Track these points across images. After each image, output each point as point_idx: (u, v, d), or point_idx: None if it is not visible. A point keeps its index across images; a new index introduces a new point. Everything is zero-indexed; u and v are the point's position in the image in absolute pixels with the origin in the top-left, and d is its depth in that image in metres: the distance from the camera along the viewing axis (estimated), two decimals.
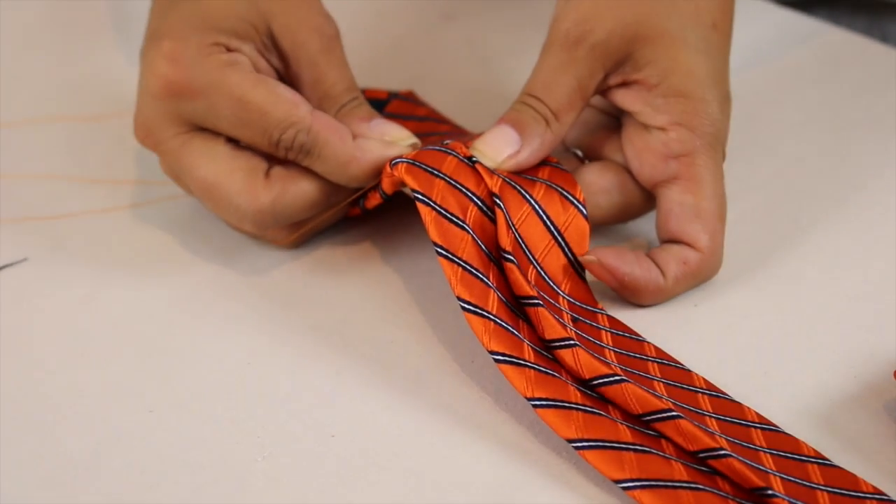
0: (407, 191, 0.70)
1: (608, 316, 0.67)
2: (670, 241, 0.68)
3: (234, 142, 0.68)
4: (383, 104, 0.77)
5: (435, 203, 0.65)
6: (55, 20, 0.92)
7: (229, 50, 0.67)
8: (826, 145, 0.78)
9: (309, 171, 0.68)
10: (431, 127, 0.75)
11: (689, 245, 0.67)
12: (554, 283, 0.67)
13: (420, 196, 0.65)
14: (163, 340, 0.67)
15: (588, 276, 0.68)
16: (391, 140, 0.69)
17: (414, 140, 0.69)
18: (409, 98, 0.78)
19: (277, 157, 0.67)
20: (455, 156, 0.67)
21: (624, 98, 0.69)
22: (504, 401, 0.63)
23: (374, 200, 0.69)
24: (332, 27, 0.70)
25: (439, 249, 0.64)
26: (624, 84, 0.69)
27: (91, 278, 0.70)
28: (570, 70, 0.67)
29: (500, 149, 0.67)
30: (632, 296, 0.68)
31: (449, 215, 0.65)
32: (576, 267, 0.67)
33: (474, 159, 0.67)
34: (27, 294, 0.69)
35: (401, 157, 0.67)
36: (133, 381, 0.65)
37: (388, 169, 0.67)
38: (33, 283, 0.70)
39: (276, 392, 0.64)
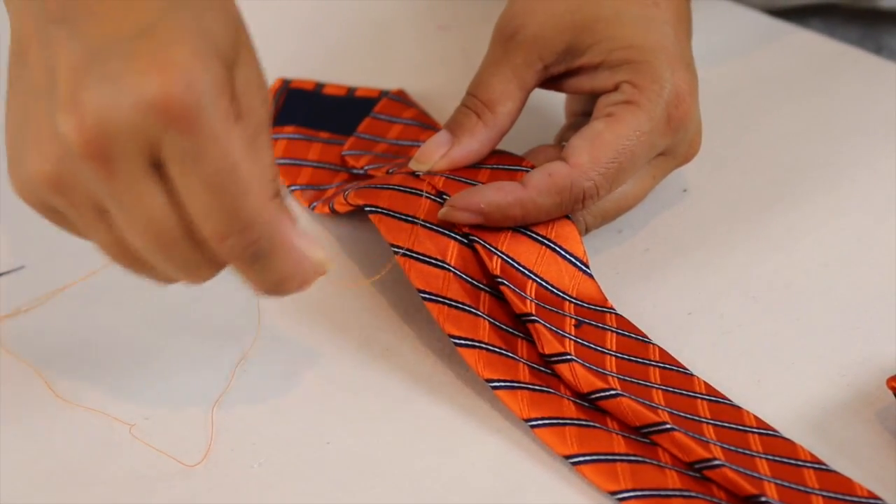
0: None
1: (616, 315, 0.67)
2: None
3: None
4: (373, 103, 0.77)
5: (410, 251, 0.65)
6: None
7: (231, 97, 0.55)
8: (820, 155, 0.78)
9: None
10: (414, 133, 0.76)
11: (563, 160, 0.66)
12: (558, 289, 0.67)
13: (396, 248, 0.65)
14: (158, 347, 0.67)
15: (599, 275, 0.68)
16: (317, 260, 0.59)
17: (330, 266, 0.60)
18: (400, 98, 0.78)
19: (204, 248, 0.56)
20: (427, 196, 0.67)
21: (575, 84, 0.70)
22: (499, 407, 0.63)
23: (322, 210, 0.69)
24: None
25: (423, 294, 0.64)
26: (570, 72, 0.69)
27: (87, 286, 0.70)
28: (504, 62, 0.69)
29: (427, 153, 0.69)
30: (502, 220, 0.66)
31: (428, 259, 0.65)
32: (579, 267, 0.68)
33: (445, 196, 0.67)
34: (24, 301, 0.70)
35: (376, 206, 0.66)
36: (129, 387, 0.65)
37: (341, 199, 0.67)
38: (30, 290, 0.70)
39: (271, 399, 0.64)
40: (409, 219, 0.66)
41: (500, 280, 0.65)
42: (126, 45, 0.53)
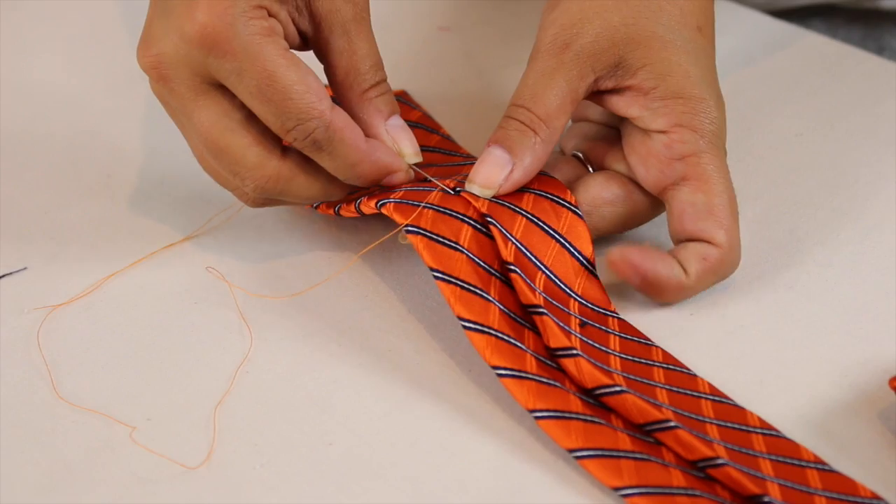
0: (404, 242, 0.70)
1: (619, 319, 0.67)
2: (686, 241, 0.68)
3: (247, 109, 0.66)
4: None
5: (425, 231, 0.65)
6: (59, 27, 0.93)
7: (270, 15, 0.65)
8: (822, 156, 0.78)
9: (318, 168, 0.67)
10: (421, 136, 0.76)
11: (706, 242, 0.67)
12: (566, 286, 0.67)
13: (410, 227, 0.65)
14: (160, 349, 0.67)
15: (604, 274, 0.68)
16: (400, 152, 0.69)
17: (419, 159, 0.69)
18: (402, 99, 0.78)
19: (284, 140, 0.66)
20: (439, 189, 0.67)
21: (620, 104, 0.69)
22: (501, 408, 0.63)
23: (348, 213, 0.69)
24: None
25: (435, 273, 0.64)
26: (618, 90, 0.68)
27: (89, 287, 0.70)
28: (559, 74, 0.67)
29: (492, 177, 0.67)
30: (655, 293, 0.68)
31: (441, 239, 0.65)
32: (586, 266, 0.68)
33: (458, 189, 0.67)
34: (26, 302, 0.70)
35: (388, 198, 0.67)
36: (130, 388, 0.65)
37: (372, 203, 0.67)
38: (32, 291, 0.70)
39: (273, 400, 0.64)
40: (422, 204, 0.66)
41: (511, 268, 0.65)
42: None
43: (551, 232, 0.67)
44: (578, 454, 0.60)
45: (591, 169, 0.72)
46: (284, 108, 0.64)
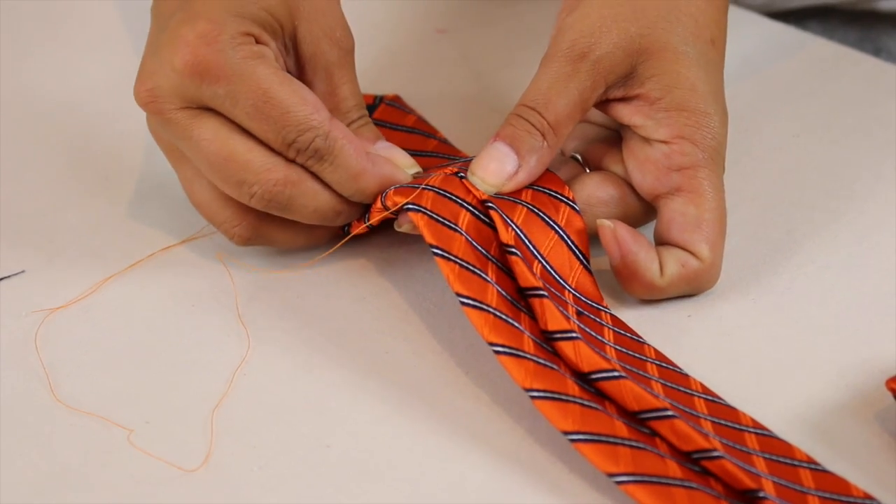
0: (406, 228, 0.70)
1: (612, 315, 0.67)
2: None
3: (244, 130, 0.67)
4: (371, 109, 0.78)
5: (427, 209, 0.65)
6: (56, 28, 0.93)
7: (258, 42, 0.66)
8: (819, 157, 0.78)
9: (322, 181, 0.68)
10: (418, 141, 0.76)
11: (689, 252, 0.68)
12: (560, 277, 0.67)
13: (412, 206, 0.65)
14: (158, 352, 0.67)
15: (600, 275, 0.69)
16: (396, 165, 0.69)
17: (417, 169, 0.70)
18: (396, 104, 0.78)
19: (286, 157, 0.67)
20: (440, 175, 0.68)
21: (624, 112, 0.69)
22: (498, 411, 0.63)
23: (358, 228, 0.69)
24: (350, 41, 0.70)
25: (435, 250, 0.64)
26: (625, 98, 0.69)
27: (87, 290, 0.71)
28: (573, 82, 0.67)
29: (497, 173, 0.67)
30: (625, 280, 0.68)
31: (441, 219, 0.65)
32: (582, 260, 0.68)
33: (461, 175, 0.67)
34: (24, 305, 0.70)
35: (389, 188, 0.68)
36: (129, 391, 0.65)
37: (378, 204, 0.68)
38: (30, 294, 0.71)
39: (271, 402, 0.64)
40: (423, 186, 0.67)
41: (512, 250, 0.65)
42: (169, 20, 0.66)
43: (551, 223, 0.67)
44: (574, 437, 0.60)
45: (588, 171, 0.72)
46: (283, 121, 0.65)
